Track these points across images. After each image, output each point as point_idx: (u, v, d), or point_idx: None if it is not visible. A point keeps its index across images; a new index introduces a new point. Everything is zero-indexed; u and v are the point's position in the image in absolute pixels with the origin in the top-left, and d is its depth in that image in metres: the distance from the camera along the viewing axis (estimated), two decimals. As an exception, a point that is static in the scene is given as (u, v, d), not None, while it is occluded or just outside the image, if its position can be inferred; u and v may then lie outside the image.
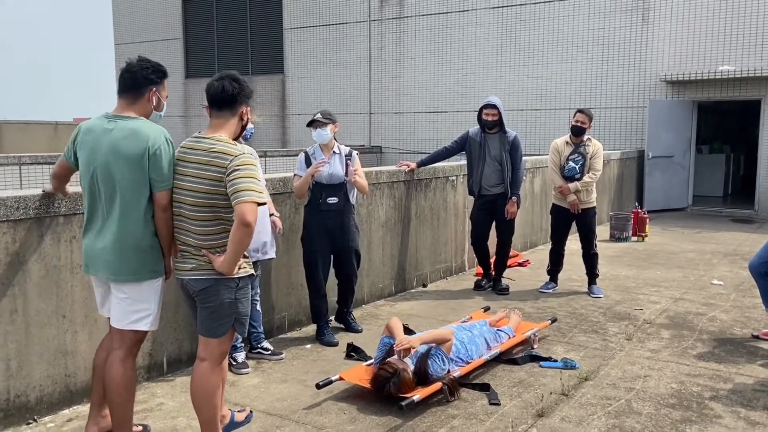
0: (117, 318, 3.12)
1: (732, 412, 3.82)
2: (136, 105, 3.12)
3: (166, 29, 20.04)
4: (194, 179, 3.00)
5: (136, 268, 3.05)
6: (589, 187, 6.50)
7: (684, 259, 8.35)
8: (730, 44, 12.43)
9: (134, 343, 3.18)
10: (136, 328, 3.12)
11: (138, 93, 3.12)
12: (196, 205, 3.01)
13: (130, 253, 3.04)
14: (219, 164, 2.95)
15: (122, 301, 3.09)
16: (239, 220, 2.85)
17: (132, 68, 3.13)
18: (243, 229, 2.87)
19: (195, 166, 3.01)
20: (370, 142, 16.84)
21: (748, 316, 5.77)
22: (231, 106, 3.11)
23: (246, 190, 2.88)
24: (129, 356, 3.16)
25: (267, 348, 4.70)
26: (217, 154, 2.97)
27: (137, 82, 3.11)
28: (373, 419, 3.72)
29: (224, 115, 3.12)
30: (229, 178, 2.91)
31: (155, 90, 3.15)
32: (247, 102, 3.17)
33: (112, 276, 3.06)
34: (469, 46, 15.32)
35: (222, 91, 3.09)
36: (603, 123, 13.53)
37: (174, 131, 19.02)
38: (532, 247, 9.18)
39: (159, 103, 3.19)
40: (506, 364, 4.55)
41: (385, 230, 6.29)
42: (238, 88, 3.10)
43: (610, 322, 5.62)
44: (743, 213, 12.68)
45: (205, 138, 3.06)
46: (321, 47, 17.49)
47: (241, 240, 2.90)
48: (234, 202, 2.88)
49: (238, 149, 2.99)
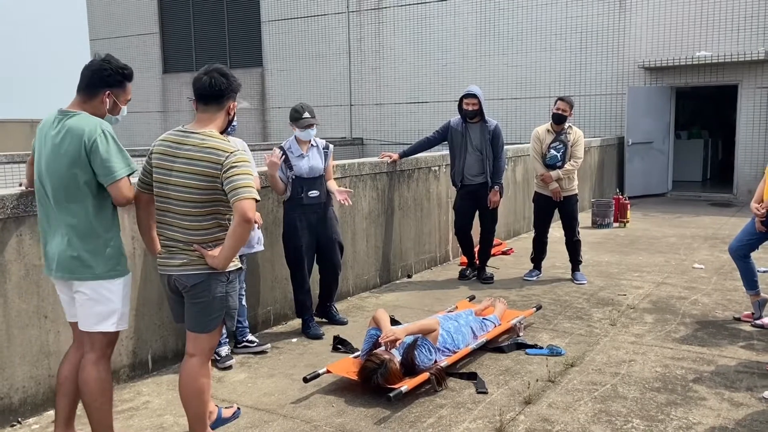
0: (83, 321, 3.04)
1: (716, 394, 3.87)
2: (88, 105, 3.03)
3: (142, 24, 19.77)
4: (184, 174, 2.95)
5: (92, 266, 2.97)
6: (571, 175, 6.54)
7: (665, 244, 8.44)
8: (707, 30, 12.54)
9: (106, 345, 3.09)
10: (103, 330, 3.04)
11: (91, 93, 3.03)
12: (186, 200, 2.97)
13: (83, 252, 2.96)
14: (213, 160, 2.92)
15: (85, 302, 3.01)
16: (240, 217, 2.84)
17: (91, 66, 3.04)
18: (244, 226, 2.87)
19: (184, 161, 2.96)
20: (352, 134, 16.79)
21: (730, 299, 5.85)
22: (218, 100, 3.08)
23: (245, 187, 2.88)
24: (102, 358, 3.07)
25: (252, 340, 4.69)
26: (211, 150, 2.94)
27: (91, 82, 3.03)
28: (362, 411, 3.72)
29: (211, 109, 3.08)
30: (226, 175, 2.89)
31: (110, 93, 3.05)
32: (234, 97, 3.14)
33: (68, 275, 2.99)
34: (448, 36, 15.30)
35: (210, 85, 3.05)
36: (583, 110, 13.61)
37: (152, 127, 18.84)
38: (516, 235, 9.22)
39: (115, 106, 3.10)
40: (493, 353, 4.57)
41: (368, 222, 6.28)
42: (225, 83, 3.07)
43: (594, 308, 5.67)
44: (722, 197, 12.84)
45: (194, 133, 3.01)
46: (300, 40, 17.37)
47: (241, 236, 2.91)
48: (233, 199, 2.87)
49: (232, 145, 2.98)
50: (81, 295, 3.01)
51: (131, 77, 3.14)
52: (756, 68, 12.23)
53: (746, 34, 12.19)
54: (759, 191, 5.05)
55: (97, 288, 3.01)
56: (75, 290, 3.03)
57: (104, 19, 20.42)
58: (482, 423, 3.54)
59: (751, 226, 5.08)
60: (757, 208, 4.92)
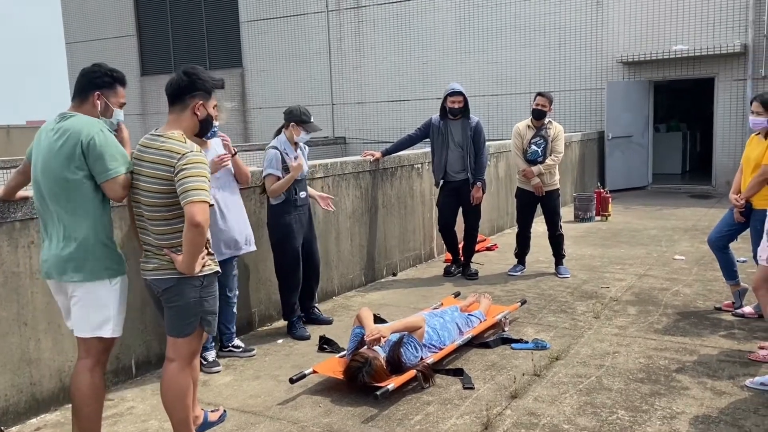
0: (78, 326, 3.03)
1: (699, 383, 3.92)
2: (82, 108, 3.05)
3: (119, 26, 19.57)
4: (148, 179, 2.93)
5: (88, 267, 2.95)
6: (552, 170, 6.57)
7: (647, 236, 8.52)
8: (683, 24, 12.67)
9: (101, 352, 3.08)
10: (98, 335, 3.01)
11: (84, 97, 3.05)
12: (152, 205, 2.94)
13: (80, 253, 2.93)
14: (167, 162, 2.89)
15: (81, 307, 2.98)
16: (189, 220, 2.80)
17: (82, 72, 3.08)
18: (194, 230, 2.82)
19: (148, 165, 2.94)
20: (334, 133, 16.76)
21: (710, 289, 5.91)
22: (180, 99, 3.04)
23: (194, 190, 2.82)
24: (97, 365, 3.06)
25: (238, 345, 4.66)
26: (165, 152, 2.91)
27: (82, 86, 3.05)
28: (349, 410, 3.71)
29: (176, 110, 3.05)
30: (177, 177, 2.85)
31: (100, 94, 3.05)
32: (201, 96, 3.06)
33: (65, 276, 2.96)
34: (428, 33, 15.32)
35: (170, 84, 3.04)
36: (563, 106, 13.69)
37: (132, 130, 18.50)
38: (499, 231, 9.26)
39: (107, 108, 3.09)
40: (478, 348, 4.59)
41: (352, 221, 6.27)
42: (186, 80, 3.02)
43: (578, 301, 5.70)
44: (701, 189, 12.99)
45: (158, 136, 2.99)
46: (279, 39, 17.30)
47: (193, 240, 2.85)
48: (182, 202, 2.83)
49: (186, 147, 2.91)
50: (76, 297, 2.98)
51: (122, 80, 3.15)
52: (732, 61, 12.38)
53: (722, 27, 12.33)
54: (737, 182, 5.11)
55: (93, 290, 2.97)
56: (71, 294, 3.00)
57: (81, 22, 20.18)
58: (469, 419, 3.55)
59: (730, 217, 5.14)
60: (736, 199, 4.98)
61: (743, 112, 12.35)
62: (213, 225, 4.13)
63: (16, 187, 3.40)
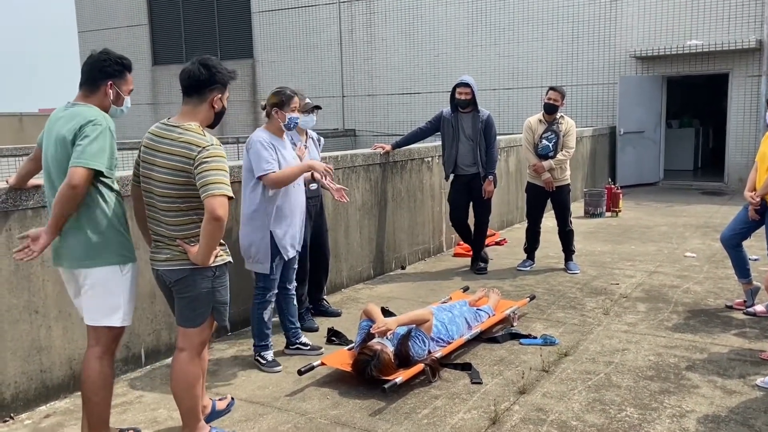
0: (88, 314, 3.04)
1: (709, 382, 3.89)
2: (92, 97, 3.02)
3: (131, 15, 19.61)
4: (163, 170, 2.92)
5: (95, 252, 2.94)
6: (563, 165, 6.53)
7: (657, 233, 8.47)
8: (697, 19, 12.54)
9: (111, 340, 3.09)
10: (108, 324, 3.02)
11: (94, 86, 3.02)
12: (166, 196, 2.94)
13: (86, 238, 2.93)
14: (186, 155, 2.88)
15: (91, 296, 2.99)
16: (209, 214, 2.80)
17: (91, 60, 3.04)
18: (214, 223, 2.82)
19: (163, 156, 2.93)
20: (344, 126, 16.74)
21: (722, 287, 5.87)
22: (198, 92, 3.03)
23: (215, 183, 2.82)
24: (106, 353, 3.07)
25: (305, 343, 4.51)
26: (185, 144, 2.90)
27: (92, 75, 3.02)
28: (357, 403, 3.71)
29: (192, 101, 3.04)
30: (197, 170, 2.85)
31: (112, 83, 3.03)
32: (220, 89, 3.06)
33: (74, 262, 2.96)
34: (440, 26, 15.24)
35: (189, 76, 3.02)
36: (575, 100, 13.61)
37: (143, 119, 18.70)
38: (509, 225, 9.23)
39: (118, 97, 3.07)
40: (487, 343, 4.58)
41: (362, 213, 6.26)
42: (206, 74, 3.01)
43: (588, 297, 5.68)
44: (713, 186, 12.89)
45: (175, 126, 2.98)
46: (291, 30, 17.27)
47: (212, 233, 2.86)
48: (203, 195, 2.82)
49: (207, 140, 2.91)
50: (85, 284, 2.99)
51: (130, 67, 3.12)
52: (747, 57, 12.25)
53: (737, 22, 12.20)
54: (751, 179, 5.06)
55: (104, 277, 2.97)
56: (82, 283, 3.00)
57: (93, 11, 20.24)
58: (477, 413, 3.54)
59: (744, 215, 5.10)
60: (751, 197, 4.94)
61: (757, 109, 12.23)
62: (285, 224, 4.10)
63: (28, 175, 3.41)
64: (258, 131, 4.26)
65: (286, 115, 4.21)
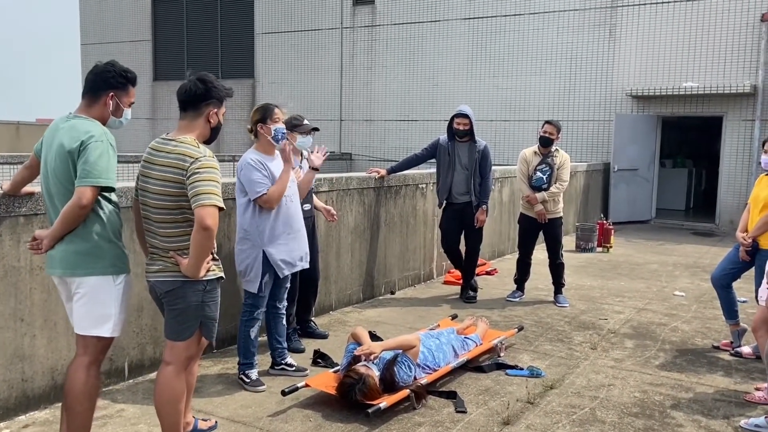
0: (78, 323, 3.02)
1: (693, 421, 3.88)
2: (93, 108, 3.05)
3: (135, 30, 19.75)
4: (158, 182, 2.95)
5: (89, 261, 2.94)
6: (556, 198, 6.58)
7: (647, 271, 8.50)
8: (693, 61, 12.74)
9: (99, 351, 3.07)
10: (97, 334, 3.01)
11: (95, 96, 3.05)
12: (159, 207, 2.97)
13: (81, 247, 2.93)
14: (179, 166, 2.91)
15: (83, 304, 2.98)
16: (198, 223, 2.82)
17: (95, 70, 3.07)
18: (203, 233, 2.84)
19: (158, 168, 2.96)
20: (341, 149, 16.82)
21: (709, 327, 5.89)
22: (194, 106, 3.07)
23: (206, 194, 2.84)
24: (94, 363, 3.05)
25: (291, 364, 4.47)
26: (178, 156, 2.93)
27: (95, 85, 3.05)
28: (339, 426, 3.68)
29: (188, 116, 3.08)
30: (189, 181, 2.88)
31: (113, 95, 3.06)
32: (215, 103, 3.10)
33: (68, 270, 2.96)
34: (439, 56, 15.42)
35: (185, 91, 3.06)
36: (570, 135, 13.73)
37: (141, 134, 18.75)
38: (500, 256, 9.24)
39: (118, 108, 3.09)
40: (473, 372, 4.56)
41: (354, 236, 6.27)
42: (202, 88, 3.05)
43: (576, 331, 5.68)
44: (704, 226, 12.97)
45: (170, 140, 3.02)
46: (292, 53, 17.43)
47: (201, 243, 2.87)
48: (194, 206, 2.85)
49: (200, 152, 2.94)
50: (77, 293, 2.98)
51: (134, 81, 3.16)
52: (741, 101, 12.44)
53: (732, 67, 12.40)
54: (744, 221, 5.11)
55: (96, 286, 2.97)
56: (74, 291, 3.00)
57: (96, 24, 20.38)
58: (460, 442, 3.51)
59: (735, 254, 5.13)
60: (743, 237, 4.98)
61: (750, 153, 12.37)
62: (279, 242, 4.14)
63: (22, 182, 3.41)
64: (247, 152, 4.30)
65: (270, 127, 4.24)
